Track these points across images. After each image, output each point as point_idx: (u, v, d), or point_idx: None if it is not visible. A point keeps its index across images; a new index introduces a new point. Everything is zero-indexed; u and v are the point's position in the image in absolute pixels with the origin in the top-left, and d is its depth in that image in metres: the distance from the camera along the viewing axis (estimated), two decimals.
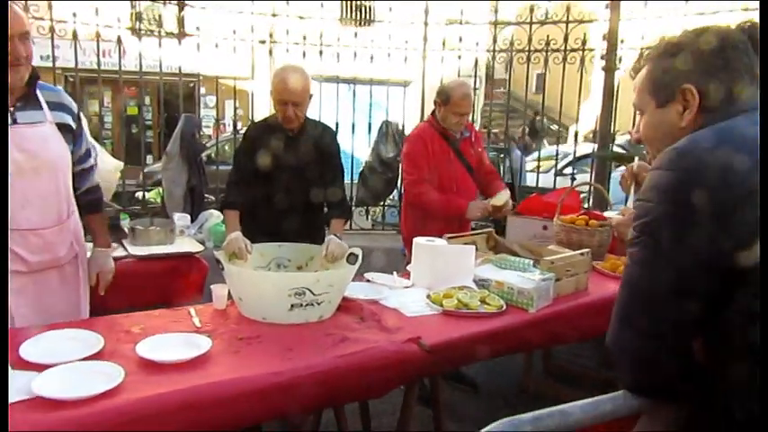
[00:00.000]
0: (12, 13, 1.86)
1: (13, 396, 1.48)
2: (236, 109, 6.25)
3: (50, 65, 4.25)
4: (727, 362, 1.01)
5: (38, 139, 2.03)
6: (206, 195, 4.65)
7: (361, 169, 5.25)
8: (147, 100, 12.51)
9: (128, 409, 1.51)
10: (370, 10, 14.49)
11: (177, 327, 2.04)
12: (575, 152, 5.66)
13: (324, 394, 1.84)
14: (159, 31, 4.78)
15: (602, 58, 4.90)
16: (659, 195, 1.04)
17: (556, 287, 2.50)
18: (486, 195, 3.41)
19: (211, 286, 2.28)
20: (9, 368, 1.58)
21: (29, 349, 1.71)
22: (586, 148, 5.91)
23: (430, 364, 2.02)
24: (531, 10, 5.04)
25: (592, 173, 5.32)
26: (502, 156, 6.19)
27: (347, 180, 2.96)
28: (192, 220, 4.16)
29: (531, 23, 5.06)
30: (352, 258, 2.38)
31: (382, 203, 5.49)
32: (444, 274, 2.54)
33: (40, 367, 1.63)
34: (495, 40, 5.23)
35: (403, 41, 5.39)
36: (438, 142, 3.20)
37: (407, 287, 2.59)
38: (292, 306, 2.09)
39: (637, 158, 2.65)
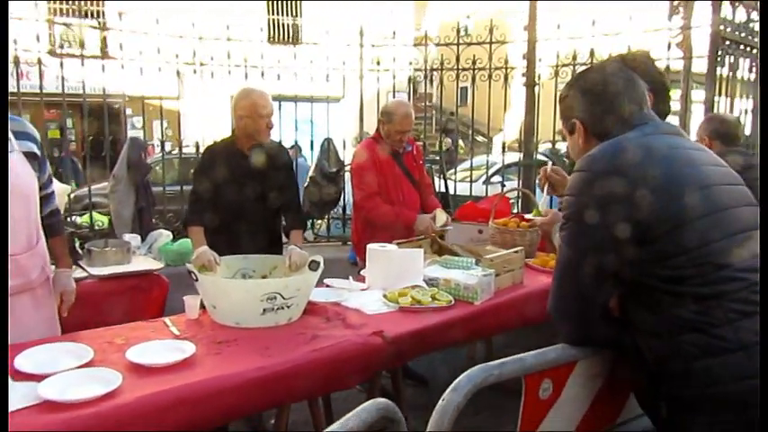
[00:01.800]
0: None
1: (20, 403, 1.61)
2: (164, 129, 6.27)
3: None
4: (634, 313, 1.32)
5: (12, 168, 2.08)
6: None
7: (306, 184, 5.45)
8: (70, 122, 12.14)
9: (129, 408, 1.66)
10: (297, 30, 14.72)
11: (157, 336, 2.18)
12: (503, 161, 6.09)
13: (302, 386, 2.04)
14: (81, 53, 4.77)
15: (522, 75, 5.36)
16: (577, 190, 1.36)
17: (496, 281, 2.81)
18: (424, 208, 3.69)
19: (184, 297, 2.43)
20: (9, 379, 1.70)
21: (23, 362, 1.82)
22: (512, 156, 6.36)
23: (393, 353, 2.26)
24: (458, 31, 5.44)
25: (519, 179, 5.75)
26: (435, 167, 6.55)
27: None
28: (142, 241, 4.22)
29: (458, 44, 5.47)
30: (314, 265, 2.59)
31: (327, 216, 5.71)
32: (397, 276, 2.78)
33: (38, 377, 1.75)
34: (425, 60, 5.60)
35: (330, 60, 5.65)
36: (384, 157, 3.47)
37: (364, 289, 2.83)
38: (264, 310, 2.28)
39: (550, 162, 2.99)
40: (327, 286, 2.83)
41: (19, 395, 1.64)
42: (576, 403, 1.38)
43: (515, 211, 4.64)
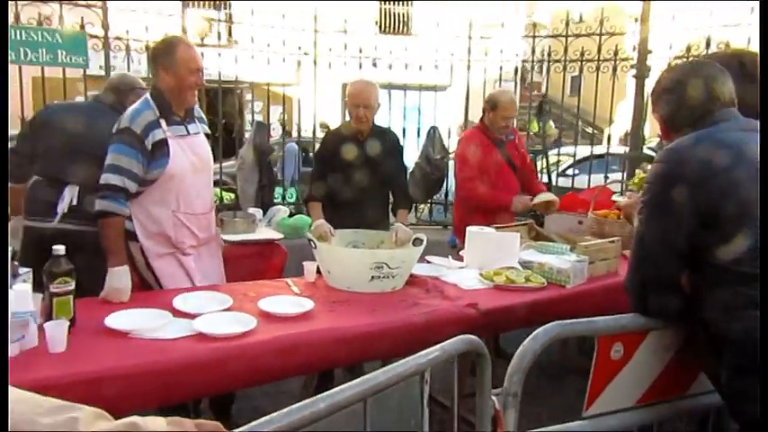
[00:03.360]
0: (192, 53, 2.49)
1: (179, 333, 2.01)
2: (282, 114, 6.77)
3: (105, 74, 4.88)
4: (701, 289, 1.47)
5: (201, 145, 2.63)
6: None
7: (411, 170, 5.74)
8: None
9: (262, 345, 2.02)
10: (408, 19, 14.98)
11: (281, 292, 2.54)
12: (607, 152, 6.04)
13: (401, 343, 2.32)
14: (218, 42, 5.31)
15: (632, 67, 5.29)
16: (654, 178, 1.52)
17: (590, 268, 2.93)
18: (528, 193, 3.84)
19: (303, 263, 2.79)
20: (170, 315, 2.12)
21: (179, 303, 2.24)
22: (618, 149, 6.28)
23: (485, 324, 2.48)
24: (567, 23, 5.46)
25: (624, 172, 5.69)
26: (539, 157, 6.59)
27: None
28: (263, 215, 4.69)
29: (566, 36, 5.49)
30: (417, 242, 2.85)
31: (429, 201, 5.97)
32: (494, 257, 2.99)
33: (191, 316, 2.15)
34: (533, 51, 5.67)
35: (439, 52, 5.85)
36: (486, 144, 3.66)
37: (462, 267, 3.06)
38: (372, 278, 2.58)
39: (625, 196, 3.03)
40: (428, 262, 3.09)
41: (178, 327, 2.05)
42: (647, 369, 1.54)
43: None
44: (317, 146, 3.51)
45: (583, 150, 6.24)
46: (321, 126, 5.85)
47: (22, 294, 1.77)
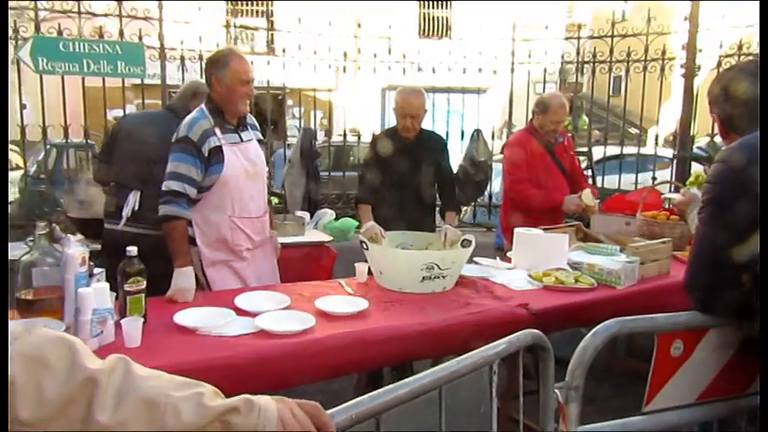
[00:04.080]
0: (245, 65, 2.61)
1: (242, 330, 2.11)
2: (320, 118, 6.89)
3: (160, 83, 5.10)
4: (759, 287, 1.48)
5: (254, 152, 2.75)
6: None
7: (455, 171, 5.77)
8: None
9: (320, 342, 2.10)
10: (448, 23, 15.01)
11: (335, 292, 2.62)
12: (655, 153, 5.95)
13: (453, 343, 2.36)
14: (273, 50, 5.49)
15: (681, 66, 5.21)
16: (716, 178, 1.54)
17: (641, 269, 2.92)
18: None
19: (355, 264, 2.86)
20: (233, 313, 2.22)
21: (241, 302, 2.34)
22: (664, 151, 6.16)
23: (536, 324, 2.48)
24: (613, 24, 5.41)
25: (673, 172, 5.60)
26: (583, 158, 6.53)
27: None
28: (310, 218, 4.81)
29: (612, 36, 5.44)
30: (466, 243, 2.90)
31: (473, 203, 5.99)
32: (542, 258, 3.00)
33: (251, 314, 2.25)
34: (578, 53, 5.64)
35: (482, 56, 5.88)
36: (536, 147, 3.68)
37: (510, 269, 3.09)
38: (423, 278, 2.63)
39: (679, 193, 3.01)
40: (476, 263, 3.13)
41: (241, 324, 2.15)
42: (707, 366, 1.55)
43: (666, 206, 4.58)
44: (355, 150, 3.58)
45: (614, 150, 6.14)
46: (351, 131, 5.94)
47: (101, 292, 1.89)
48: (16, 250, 3.24)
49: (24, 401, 0.62)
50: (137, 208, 3.04)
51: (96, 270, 2.14)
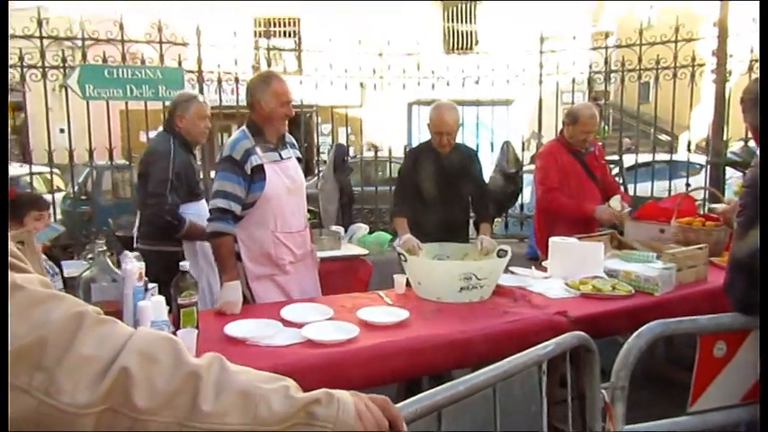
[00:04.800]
0: (284, 87, 2.74)
1: (289, 341, 2.19)
2: (348, 135, 7.02)
3: None
4: None
5: (294, 169, 2.85)
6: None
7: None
8: None
9: (365, 351, 2.17)
10: (473, 37, 15.09)
11: (375, 303, 2.69)
12: (688, 159, 5.91)
13: (494, 350, 2.40)
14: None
15: (712, 71, 5.19)
16: (753, 182, 1.58)
17: (678, 276, 2.92)
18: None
19: (393, 275, 2.93)
20: (280, 324, 2.30)
21: (287, 314, 2.43)
22: (697, 157, 6.10)
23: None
24: (641, 32, 5.42)
25: (706, 178, 5.55)
26: (612, 166, 6.51)
27: None
28: (344, 232, 4.90)
29: (641, 44, 5.45)
30: (502, 253, 2.94)
31: (504, 214, 6.02)
32: (578, 267, 3.03)
33: (297, 325, 2.33)
34: (606, 62, 5.66)
35: (507, 66, 5.94)
36: (566, 157, 3.71)
37: (546, 278, 3.12)
38: (461, 288, 2.69)
39: (723, 204, 2.98)
40: (513, 273, 3.17)
41: (288, 335, 2.23)
42: (750, 367, 1.57)
43: (701, 213, 4.54)
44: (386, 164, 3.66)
45: (644, 158, 6.11)
46: (370, 145, 6.05)
47: (158, 305, 2.00)
48: (70, 268, 3.41)
49: (140, 392, 0.70)
50: (137, 225, 3.25)
51: (150, 285, 2.25)
